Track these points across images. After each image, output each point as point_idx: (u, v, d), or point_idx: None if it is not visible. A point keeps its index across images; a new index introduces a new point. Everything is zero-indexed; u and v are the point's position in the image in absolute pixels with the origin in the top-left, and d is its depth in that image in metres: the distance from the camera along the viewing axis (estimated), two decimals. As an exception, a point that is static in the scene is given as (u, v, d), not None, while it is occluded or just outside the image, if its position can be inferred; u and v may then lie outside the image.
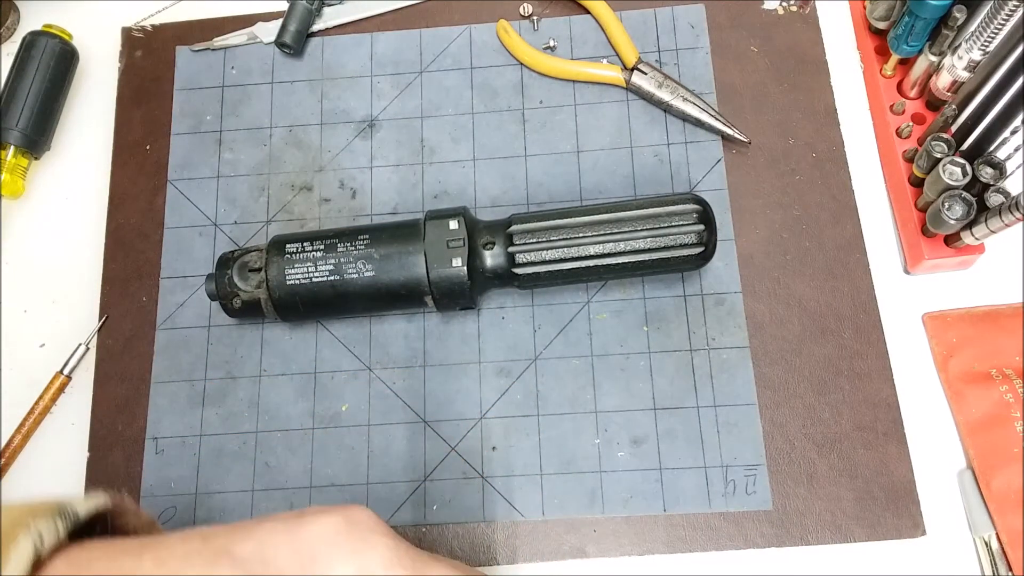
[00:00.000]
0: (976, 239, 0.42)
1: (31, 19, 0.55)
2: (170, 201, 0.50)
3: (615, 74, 0.49)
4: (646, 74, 0.49)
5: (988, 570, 0.41)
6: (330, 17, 0.53)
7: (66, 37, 0.52)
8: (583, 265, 0.42)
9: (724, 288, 0.46)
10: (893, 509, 0.42)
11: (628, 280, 0.46)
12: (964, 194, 0.42)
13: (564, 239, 0.42)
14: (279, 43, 0.51)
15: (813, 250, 0.46)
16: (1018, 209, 0.38)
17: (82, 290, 0.49)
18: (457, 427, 0.45)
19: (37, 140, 0.51)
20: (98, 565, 0.27)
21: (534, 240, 0.42)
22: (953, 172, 0.42)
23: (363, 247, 0.42)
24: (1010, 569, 0.41)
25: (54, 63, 0.51)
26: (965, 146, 0.43)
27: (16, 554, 0.26)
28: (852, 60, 0.50)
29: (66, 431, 0.46)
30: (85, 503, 0.29)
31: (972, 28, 0.42)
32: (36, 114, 0.50)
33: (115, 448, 0.45)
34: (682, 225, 0.41)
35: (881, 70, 0.48)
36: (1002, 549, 0.41)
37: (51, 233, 0.51)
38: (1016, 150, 0.41)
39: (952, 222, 0.41)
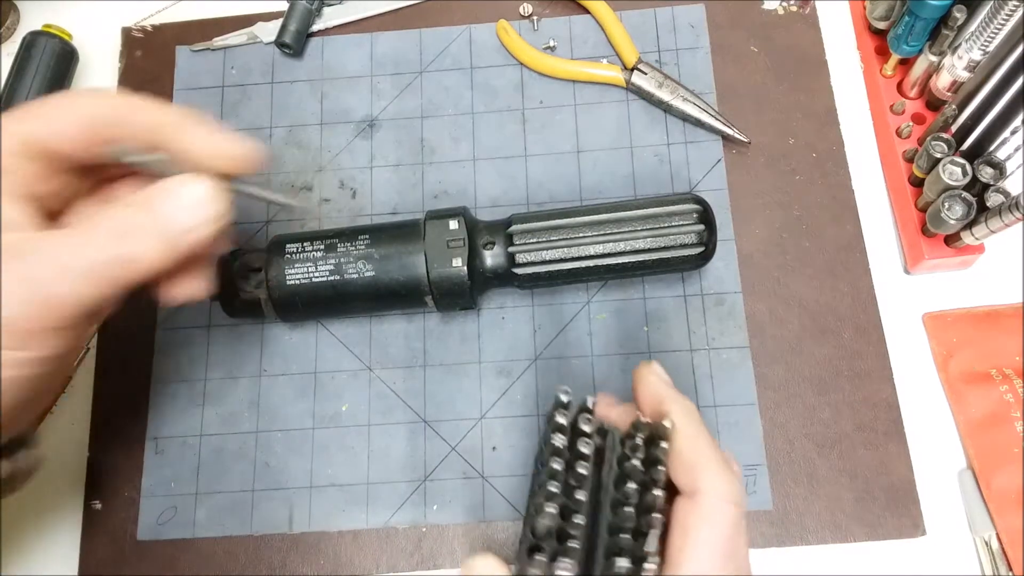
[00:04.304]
0: (976, 239, 0.42)
1: (31, 19, 0.55)
2: (170, 201, 0.50)
3: (615, 74, 0.49)
4: (646, 74, 0.49)
5: (988, 570, 0.41)
6: (330, 17, 0.53)
7: (66, 37, 0.52)
8: (583, 265, 0.42)
9: (724, 288, 0.46)
10: (893, 509, 0.42)
11: (628, 280, 0.46)
12: (964, 194, 0.42)
13: (564, 239, 0.42)
14: (279, 43, 0.51)
15: (813, 250, 0.46)
16: (1018, 209, 0.38)
17: (82, 290, 0.49)
18: (457, 427, 0.45)
19: (37, 140, 0.50)
20: None
21: (534, 240, 0.42)
22: (953, 172, 0.42)
23: (363, 247, 0.42)
24: (1010, 569, 0.41)
25: (54, 63, 0.51)
26: (965, 146, 0.43)
27: None
28: (852, 60, 0.50)
29: (66, 431, 0.46)
30: None
31: (972, 28, 0.42)
32: (36, 114, 0.50)
33: (115, 448, 0.45)
34: (682, 225, 0.41)
35: (881, 70, 0.48)
36: (1002, 549, 0.41)
37: (51, 233, 0.51)
38: (1016, 150, 0.41)
39: (952, 222, 0.41)
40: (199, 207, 0.31)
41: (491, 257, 0.42)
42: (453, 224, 0.42)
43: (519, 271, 0.42)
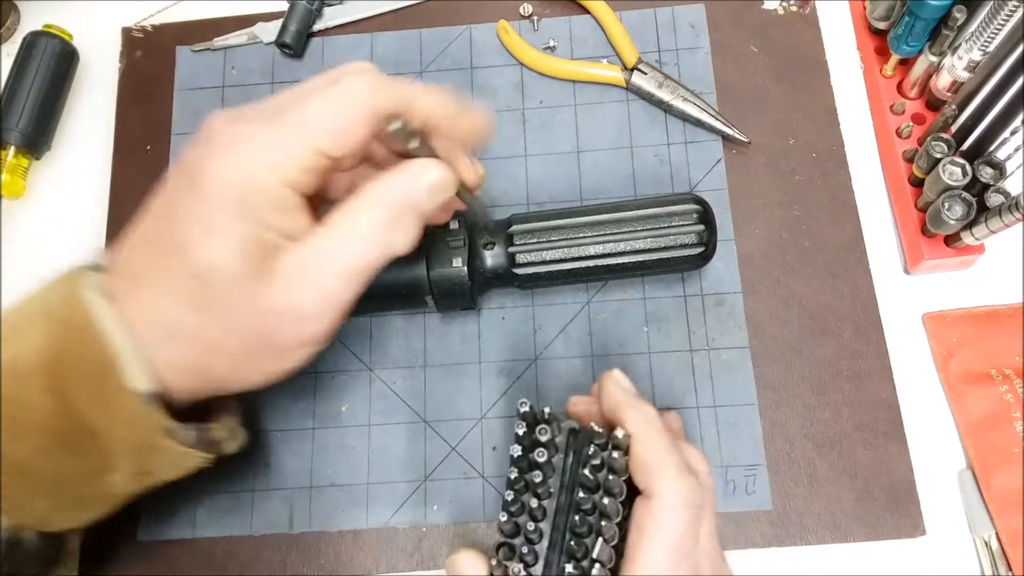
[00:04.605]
0: (976, 239, 0.42)
1: (31, 19, 0.55)
2: (170, 201, 0.50)
3: (615, 74, 0.49)
4: (646, 74, 0.49)
5: (988, 570, 0.41)
6: (330, 17, 0.53)
7: (66, 37, 0.52)
8: (583, 265, 0.42)
9: (724, 288, 0.46)
10: (893, 509, 0.42)
11: (628, 280, 0.46)
12: (964, 194, 0.42)
13: (564, 239, 0.42)
14: (279, 43, 0.51)
15: (813, 250, 0.46)
16: (1018, 209, 0.38)
17: (82, 290, 0.49)
18: (457, 427, 0.45)
19: (37, 140, 0.51)
20: None
21: (534, 240, 0.42)
22: (953, 172, 0.42)
23: (363, 247, 0.42)
24: (1010, 569, 0.41)
25: (54, 63, 0.51)
26: (965, 146, 0.43)
27: None
28: (852, 60, 0.50)
29: (66, 431, 0.46)
30: None
31: (972, 28, 0.42)
32: (36, 114, 0.50)
33: (115, 448, 0.45)
34: (682, 225, 0.41)
35: (881, 70, 0.48)
36: (1002, 549, 0.41)
37: (51, 233, 0.51)
38: (1016, 150, 0.41)
39: (952, 222, 0.41)
40: (442, 189, 0.33)
41: (491, 257, 0.42)
42: (453, 224, 0.42)
43: (519, 271, 0.42)
